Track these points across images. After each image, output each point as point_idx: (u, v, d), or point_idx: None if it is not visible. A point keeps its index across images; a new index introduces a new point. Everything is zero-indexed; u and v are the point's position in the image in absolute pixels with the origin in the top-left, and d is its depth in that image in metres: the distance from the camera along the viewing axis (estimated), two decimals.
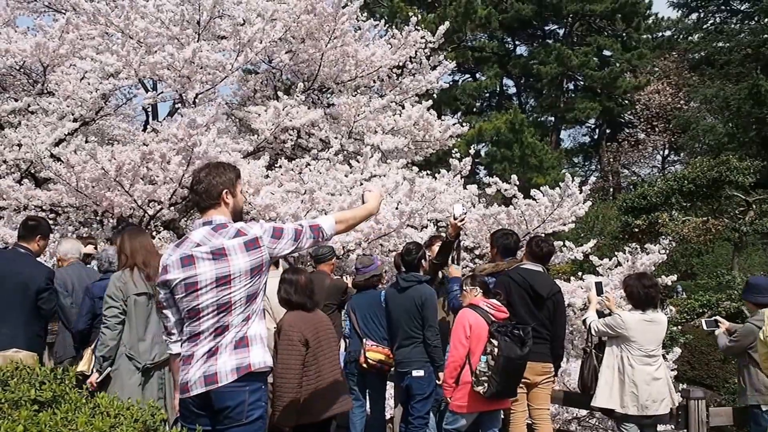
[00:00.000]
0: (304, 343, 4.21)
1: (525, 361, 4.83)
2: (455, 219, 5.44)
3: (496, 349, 4.70)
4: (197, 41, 9.61)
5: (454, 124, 11.83)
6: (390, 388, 6.57)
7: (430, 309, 5.44)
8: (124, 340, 4.39)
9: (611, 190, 35.52)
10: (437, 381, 5.40)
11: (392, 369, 5.87)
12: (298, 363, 4.17)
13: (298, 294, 4.38)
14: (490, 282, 5.33)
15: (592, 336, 5.55)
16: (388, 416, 6.09)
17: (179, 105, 10.18)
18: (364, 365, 5.86)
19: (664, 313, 17.26)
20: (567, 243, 9.90)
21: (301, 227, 3.19)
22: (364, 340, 5.92)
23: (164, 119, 10.22)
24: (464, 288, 5.13)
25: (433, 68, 11.87)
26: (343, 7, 10.23)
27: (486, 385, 4.73)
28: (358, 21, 11.29)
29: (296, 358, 4.17)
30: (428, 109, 11.27)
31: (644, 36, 36.59)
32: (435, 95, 12.20)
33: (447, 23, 12.03)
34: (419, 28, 11.54)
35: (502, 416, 5.33)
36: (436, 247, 6.01)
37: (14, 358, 2.74)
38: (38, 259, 5.36)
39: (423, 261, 5.75)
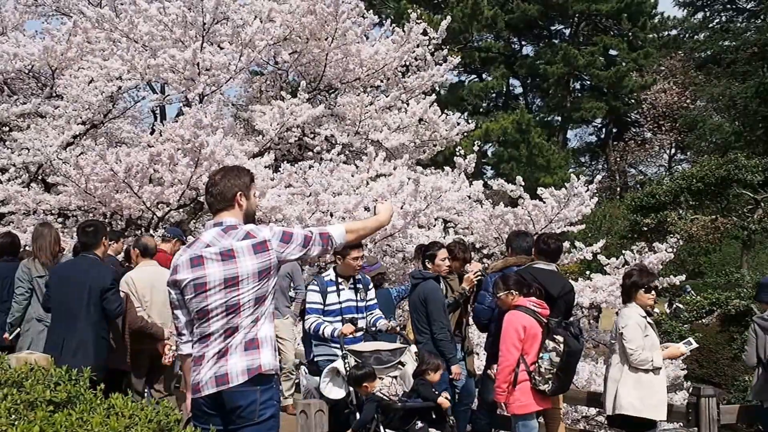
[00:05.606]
0: None
1: (581, 353, 4.92)
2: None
3: (561, 345, 4.70)
4: (200, 44, 9.63)
5: (459, 123, 11.76)
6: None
7: (432, 303, 5.47)
8: (33, 309, 5.57)
9: (618, 189, 35.43)
10: (450, 375, 5.37)
11: None
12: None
13: None
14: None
15: None
16: None
17: (185, 107, 10.21)
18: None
19: (671, 309, 17.05)
20: (577, 243, 9.92)
21: (311, 234, 3.18)
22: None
23: (171, 121, 10.24)
24: (498, 294, 4.97)
25: (438, 64, 11.86)
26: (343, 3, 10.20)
27: (551, 383, 4.73)
28: (363, 18, 11.27)
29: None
30: (431, 105, 11.20)
31: (650, 35, 36.51)
32: (440, 90, 12.18)
33: (449, 18, 12.05)
34: (420, 21, 11.51)
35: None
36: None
37: (28, 360, 2.76)
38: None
39: (434, 260, 5.73)
